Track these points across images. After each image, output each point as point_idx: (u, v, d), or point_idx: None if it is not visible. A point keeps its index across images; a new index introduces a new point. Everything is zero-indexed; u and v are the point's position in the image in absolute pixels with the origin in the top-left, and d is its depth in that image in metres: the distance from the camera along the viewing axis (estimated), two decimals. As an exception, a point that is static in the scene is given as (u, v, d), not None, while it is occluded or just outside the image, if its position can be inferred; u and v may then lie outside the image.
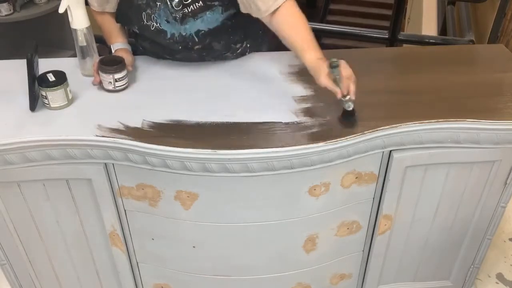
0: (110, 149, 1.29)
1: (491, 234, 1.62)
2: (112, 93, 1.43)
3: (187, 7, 1.42)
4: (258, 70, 1.56)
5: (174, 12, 1.42)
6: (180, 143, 1.25)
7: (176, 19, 1.43)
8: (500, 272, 2.02)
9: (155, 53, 1.59)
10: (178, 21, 1.44)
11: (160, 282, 1.64)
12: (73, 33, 1.46)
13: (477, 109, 1.37)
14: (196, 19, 1.44)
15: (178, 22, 1.44)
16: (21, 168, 1.32)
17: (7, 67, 1.58)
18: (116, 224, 1.46)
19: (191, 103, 1.40)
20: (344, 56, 1.41)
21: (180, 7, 1.41)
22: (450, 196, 1.51)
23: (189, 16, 1.43)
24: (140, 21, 1.47)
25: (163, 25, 1.46)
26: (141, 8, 1.45)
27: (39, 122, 1.33)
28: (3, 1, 2.89)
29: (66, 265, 1.59)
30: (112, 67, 1.39)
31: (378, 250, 1.61)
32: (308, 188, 1.37)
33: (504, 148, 1.40)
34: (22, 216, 1.44)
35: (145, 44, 1.59)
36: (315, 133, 1.29)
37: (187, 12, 1.42)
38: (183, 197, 1.36)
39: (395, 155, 1.37)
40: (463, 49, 1.88)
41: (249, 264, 1.54)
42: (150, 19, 1.46)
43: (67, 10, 1.38)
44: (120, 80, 1.41)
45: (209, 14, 1.44)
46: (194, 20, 1.44)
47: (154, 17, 1.45)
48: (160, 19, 1.45)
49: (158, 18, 1.45)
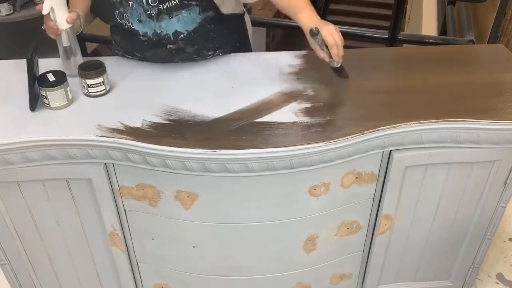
0: (110, 149, 1.29)
1: (491, 234, 1.62)
2: (94, 98, 1.42)
3: (163, 3, 1.42)
4: (259, 70, 1.56)
5: (150, 8, 1.42)
6: (180, 143, 1.25)
7: (152, 16, 1.44)
8: (500, 272, 2.02)
9: (125, 48, 1.59)
10: (153, 18, 1.44)
11: (160, 282, 1.64)
12: None
13: (477, 109, 1.37)
14: (172, 17, 1.44)
15: (153, 19, 1.44)
16: (21, 168, 1.32)
17: (7, 67, 1.58)
18: (116, 224, 1.46)
19: (191, 103, 1.40)
20: (344, 56, 1.42)
21: (156, 3, 1.41)
22: (450, 196, 1.51)
23: (164, 13, 1.43)
24: (114, 19, 1.49)
25: (135, 25, 1.47)
26: (114, 7, 1.46)
27: (39, 122, 1.33)
28: (3, 1, 2.90)
29: (66, 265, 1.59)
30: (85, 72, 1.39)
31: (378, 250, 1.61)
32: (308, 188, 1.37)
33: (504, 148, 1.40)
34: (22, 216, 1.44)
35: (117, 38, 1.60)
36: (315, 133, 1.29)
37: (162, 9, 1.42)
38: (183, 197, 1.36)
39: (395, 155, 1.37)
40: (463, 49, 1.88)
41: (249, 264, 1.54)
42: (123, 17, 1.47)
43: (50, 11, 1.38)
44: (93, 86, 1.40)
45: (185, 13, 1.44)
46: (170, 18, 1.44)
47: (126, 16, 1.46)
48: (132, 19, 1.46)
49: (130, 18, 1.46)
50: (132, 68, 1.56)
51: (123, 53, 1.61)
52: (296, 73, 1.54)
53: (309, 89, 1.46)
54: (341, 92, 1.46)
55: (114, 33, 1.61)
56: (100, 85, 1.41)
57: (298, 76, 1.52)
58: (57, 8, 1.38)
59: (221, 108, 1.37)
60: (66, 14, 1.40)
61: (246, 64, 1.57)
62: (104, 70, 1.41)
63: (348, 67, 1.57)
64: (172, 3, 1.42)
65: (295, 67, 1.57)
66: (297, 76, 1.52)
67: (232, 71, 1.55)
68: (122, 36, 1.56)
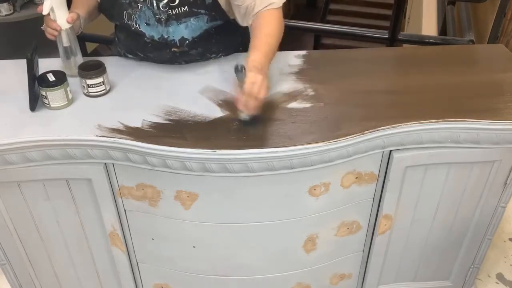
0: (110, 149, 1.29)
1: (491, 234, 1.62)
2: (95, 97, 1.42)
3: (172, 9, 1.42)
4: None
5: (160, 13, 1.43)
6: (180, 143, 1.25)
7: (160, 21, 1.44)
8: (500, 272, 2.02)
9: (127, 46, 1.59)
10: (162, 22, 1.44)
11: (160, 282, 1.64)
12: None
13: (477, 109, 1.37)
14: (180, 24, 1.45)
15: (162, 24, 1.44)
16: (21, 168, 1.32)
17: (7, 67, 1.58)
18: (116, 224, 1.46)
19: (192, 103, 1.40)
20: (344, 56, 1.42)
21: (166, 9, 1.42)
22: (450, 196, 1.51)
23: (172, 18, 1.43)
24: (122, 20, 1.49)
25: (143, 27, 1.47)
26: (123, 7, 1.46)
27: (39, 122, 1.33)
28: (3, 1, 2.90)
29: (66, 265, 1.59)
30: (85, 72, 1.39)
31: (378, 250, 1.61)
32: (308, 188, 1.37)
33: (504, 148, 1.40)
34: (22, 216, 1.44)
35: (121, 36, 1.60)
36: (315, 133, 1.29)
37: (172, 15, 1.43)
38: (183, 197, 1.37)
39: (395, 155, 1.37)
40: (463, 49, 1.88)
41: (249, 264, 1.54)
42: (131, 19, 1.47)
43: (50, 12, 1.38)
44: (93, 86, 1.40)
45: (194, 20, 1.45)
46: (178, 24, 1.45)
47: (134, 17, 1.46)
48: (140, 21, 1.46)
49: (138, 20, 1.46)
50: (132, 68, 1.56)
51: (125, 51, 1.61)
52: (296, 73, 1.54)
53: (309, 89, 1.46)
54: (341, 92, 1.46)
55: (118, 31, 1.61)
56: (100, 85, 1.41)
57: (298, 76, 1.52)
58: (57, 8, 1.38)
59: (220, 108, 1.37)
60: (66, 14, 1.40)
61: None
62: (104, 70, 1.41)
63: (348, 67, 1.58)
64: (182, 9, 1.42)
65: (295, 67, 1.57)
66: (297, 76, 1.52)
67: (233, 71, 1.55)
68: (126, 35, 1.56)
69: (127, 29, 1.51)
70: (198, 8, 1.43)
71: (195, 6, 1.43)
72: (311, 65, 1.59)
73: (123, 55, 1.62)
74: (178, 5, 1.42)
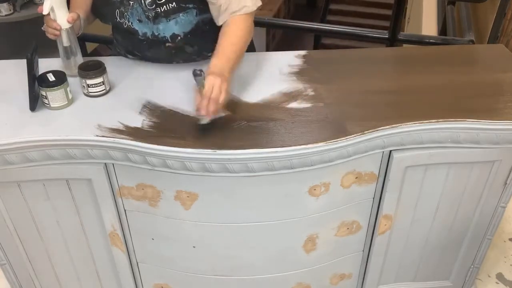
0: (110, 149, 1.29)
1: (491, 234, 1.62)
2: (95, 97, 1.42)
3: (160, 6, 1.42)
4: (259, 70, 1.56)
5: (147, 10, 1.43)
6: (180, 143, 1.25)
7: (149, 18, 1.44)
8: (500, 272, 2.02)
9: (125, 47, 1.59)
10: (150, 20, 1.44)
11: (160, 282, 1.64)
12: None
13: (477, 109, 1.38)
14: (169, 20, 1.44)
15: (150, 21, 1.44)
16: (21, 168, 1.32)
17: (7, 67, 1.58)
18: (116, 224, 1.46)
19: (192, 103, 1.40)
20: (344, 56, 1.42)
21: (153, 6, 1.42)
22: (450, 196, 1.51)
23: (161, 16, 1.43)
24: (114, 18, 1.49)
25: (135, 25, 1.47)
26: (115, 6, 1.46)
27: (39, 122, 1.33)
28: (3, 1, 2.90)
29: (66, 265, 1.59)
30: (85, 72, 1.39)
31: (378, 250, 1.61)
32: (308, 188, 1.37)
33: (504, 148, 1.40)
34: (22, 216, 1.44)
35: (118, 37, 1.60)
36: (315, 133, 1.29)
37: (160, 12, 1.42)
38: (183, 197, 1.37)
39: (395, 155, 1.37)
40: (463, 49, 1.88)
41: (249, 264, 1.54)
42: (123, 17, 1.47)
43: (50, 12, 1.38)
44: (93, 86, 1.40)
45: (183, 16, 1.45)
46: (167, 21, 1.44)
47: (126, 15, 1.46)
48: (132, 18, 1.46)
49: (130, 17, 1.46)
50: (132, 68, 1.56)
51: (124, 52, 1.61)
52: (296, 73, 1.54)
53: (309, 89, 1.46)
54: (341, 92, 1.46)
55: (115, 32, 1.61)
56: (100, 85, 1.41)
57: (298, 76, 1.52)
58: (58, 8, 1.38)
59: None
60: (67, 14, 1.40)
61: (246, 64, 1.57)
62: (104, 70, 1.41)
63: (348, 67, 1.58)
64: (170, 6, 1.42)
65: (295, 67, 1.57)
66: (297, 76, 1.52)
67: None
68: (122, 35, 1.57)
69: (120, 28, 1.51)
70: (186, 3, 1.43)
71: (183, 1, 1.42)
72: (311, 65, 1.59)
73: (124, 55, 1.62)
74: (165, 2, 1.41)
